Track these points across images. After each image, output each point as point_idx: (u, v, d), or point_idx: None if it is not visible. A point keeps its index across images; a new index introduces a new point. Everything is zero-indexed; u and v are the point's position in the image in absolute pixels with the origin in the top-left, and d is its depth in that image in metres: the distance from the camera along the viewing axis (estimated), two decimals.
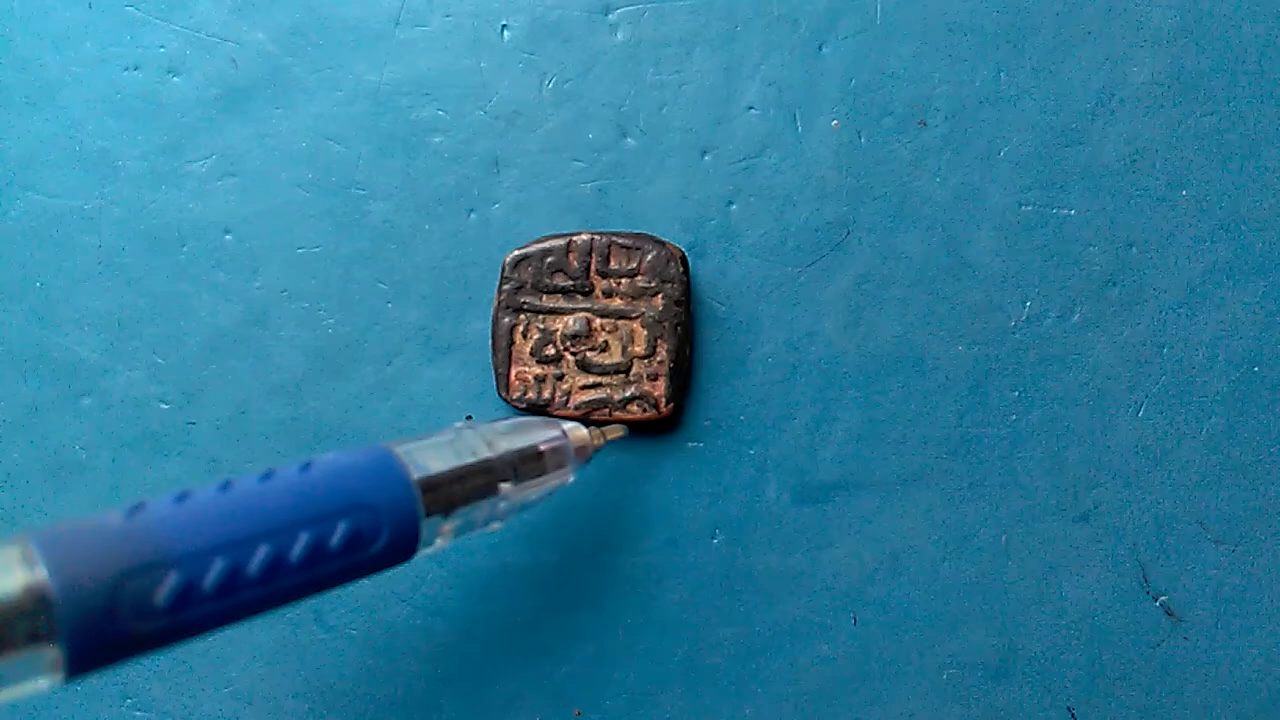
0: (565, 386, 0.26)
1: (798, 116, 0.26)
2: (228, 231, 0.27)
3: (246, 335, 0.26)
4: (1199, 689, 0.26)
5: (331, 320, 0.26)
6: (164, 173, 0.27)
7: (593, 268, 0.26)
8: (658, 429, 0.26)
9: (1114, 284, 0.26)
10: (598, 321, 0.26)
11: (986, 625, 0.26)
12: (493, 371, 0.26)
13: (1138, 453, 0.26)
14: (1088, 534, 0.26)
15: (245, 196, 0.27)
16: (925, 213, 0.26)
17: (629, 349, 0.26)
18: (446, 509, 0.19)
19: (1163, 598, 0.26)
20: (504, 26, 0.27)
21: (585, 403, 0.25)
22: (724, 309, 0.26)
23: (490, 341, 0.26)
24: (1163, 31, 0.26)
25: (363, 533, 0.17)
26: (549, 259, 0.26)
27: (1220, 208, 0.26)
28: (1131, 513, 0.26)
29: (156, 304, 0.26)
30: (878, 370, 0.26)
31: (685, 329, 0.26)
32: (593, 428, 0.24)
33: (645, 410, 0.25)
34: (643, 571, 0.26)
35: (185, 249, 0.27)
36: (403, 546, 0.18)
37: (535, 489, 0.21)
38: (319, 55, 0.27)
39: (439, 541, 0.19)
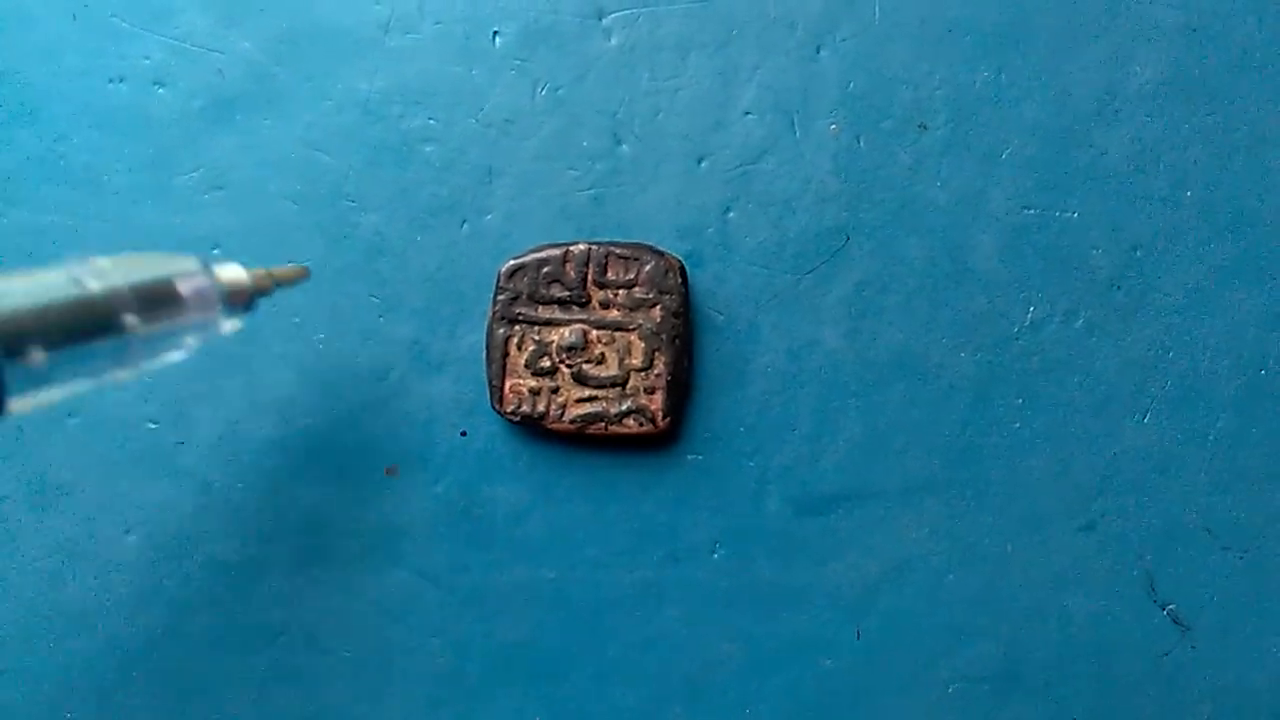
0: (561, 400, 0.25)
1: (795, 121, 0.26)
2: (216, 246, 0.26)
3: (235, 352, 0.26)
4: (1208, 699, 0.25)
5: (322, 335, 0.26)
6: (150, 187, 0.26)
7: (590, 278, 0.25)
8: (656, 443, 0.26)
9: (1118, 287, 0.26)
10: (594, 333, 0.25)
11: (992, 637, 0.26)
12: (487, 384, 0.25)
13: (1144, 459, 0.26)
14: (1094, 542, 0.26)
15: (233, 210, 0.26)
16: (926, 217, 0.26)
17: (626, 361, 0.25)
18: (31, 345, 0.16)
19: (1170, 606, 0.26)
20: (495, 33, 0.26)
21: (581, 416, 0.25)
22: (722, 318, 0.26)
23: (484, 354, 0.25)
24: (1166, 30, 0.26)
25: None
26: (545, 269, 0.25)
27: (1226, 208, 0.26)
28: (1138, 520, 0.26)
29: None
30: (879, 379, 0.26)
31: (684, 341, 0.25)
32: (259, 268, 0.21)
33: (642, 425, 0.25)
34: (642, 588, 0.26)
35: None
36: None
37: (167, 326, 0.18)
38: (307, 64, 0.26)
39: (47, 388, 0.17)
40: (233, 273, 0.20)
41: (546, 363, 0.25)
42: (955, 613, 0.26)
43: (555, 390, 0.25)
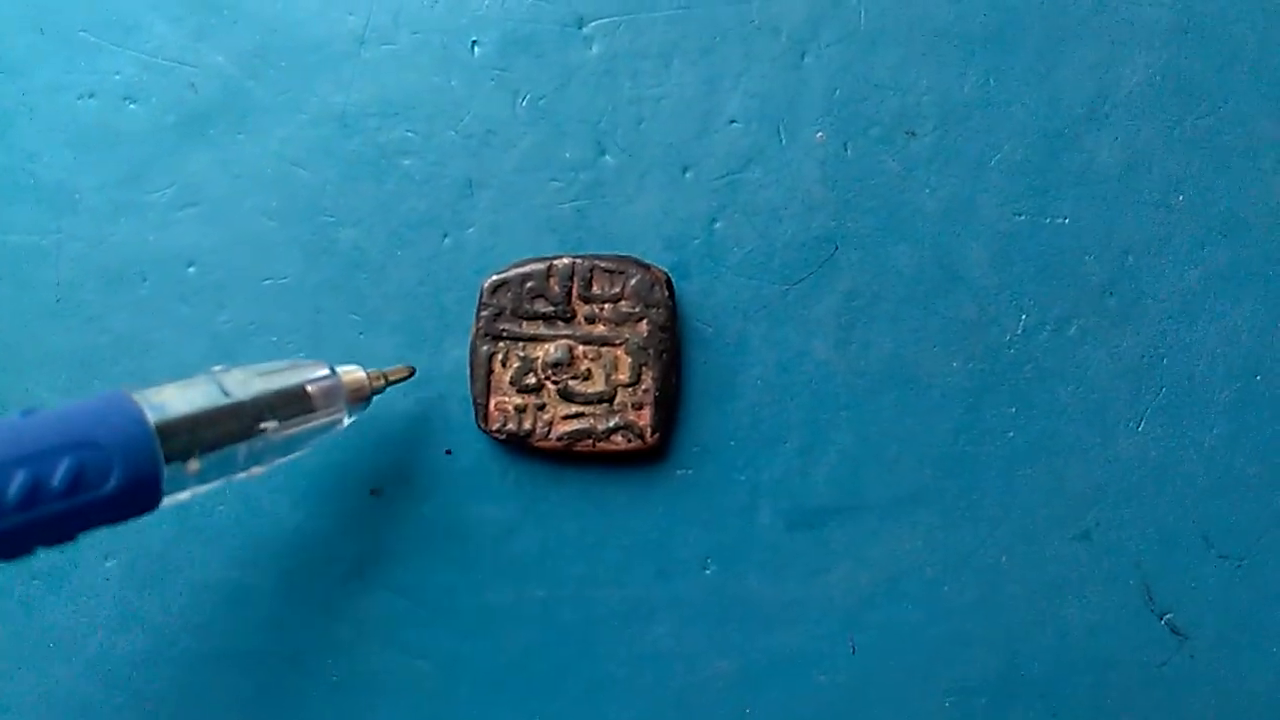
0: (547, 417, 0.25)
1: (781, 129, 0.25)
2: (191, 264, 0.26)
3: None
4: (1207, 708, 0.25)
5: (302, 353, 0.25)
6: (123, 204, 0.26)
7: (574, 293, 0.25)
8: (644, 459, 0.25)
9: (1111, 293, 0.25)
10: (580, 349, 0.25)
11: (988, 648, 0.25)
12: (471, 402, 0.25)
13: (1139, 467, 0.25)
14: (1089, 552, 0.25)
15: (208, 227, 0.25)
16: (915, 225, 0.25)
17: (613, 377, 0.25)
18: (191, 450, 0.18)
19: (1167, 615, 0.25)
20: (474, 43, 0.26)
21: (568, 433, 0.25)
22: (710, 330, 0.25)
23: (468, 371, 0.25)
24: (1156, 32, 0.25)
25: (88, 471, 0.16)
26: (529, 284, 0.25)
27: (1218, 212, 0.25)
28: (1134, 529, 0.25)
29: (118, 342, 0.25)
30: (870, 389, 0.25)
31: (671, 355, 0.25)
32: (372, 369, 0.23)
33: (631, 441, 0.25)
34: (632, 605, 0.25)
35: (147, 283, 0.25)
36: (141, 488, 0.17)
37: (299, 428, 0.20)
38: (282, 77, 0.26)
39: (192, 485, 0.18)
40: (353, 375, 0.22)
41: (532, 379, 0.25)
42: (951, 624, 0.25)
43: (541, 407, 0.25)
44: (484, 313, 0.25)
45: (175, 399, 0.18)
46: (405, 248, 0.25)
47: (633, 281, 0.25)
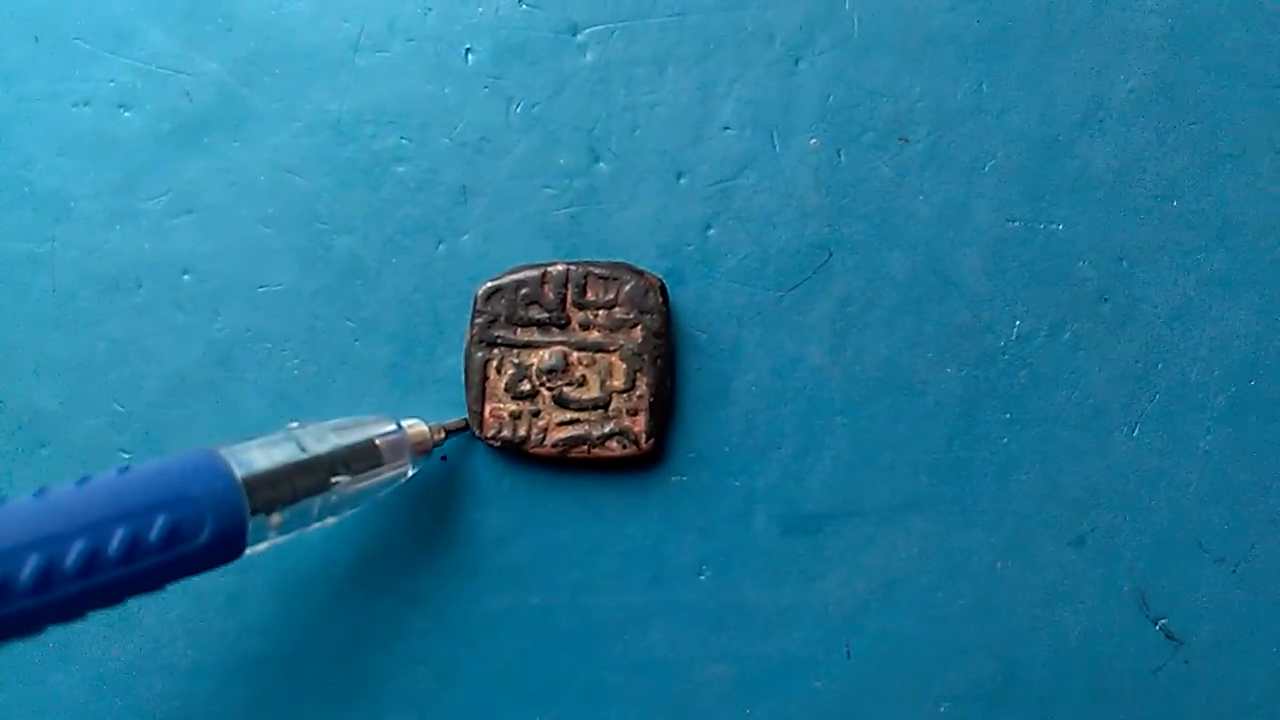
0: (542, 423, 0.25)
1: (775, 135, 0.25)
2: (186, 271, 0.26)
3: (209, 378, 0.25)
4: (1202, 713, 0.25)
5: (297, 360, 0.25)
6: (118, 212, 0.26)
7: (569, 299, 0.25)
8: (639, 465, 0.25)
9: (1105, 299, 0.25)
10: (575, 355, 0.25)
11: (983, 654, 0.25)
12: (466, 409, 0.25)
13: (1134, 473, 0.25)
14: (1084, 558, 0.25)
15: (203, 234, 0.26)
16: (909, 232, 0.25)
17: (608, 383, 0.25)
18: (274, 503, 0.19)
19: (1163, 620, 0.25)
20: (468, 50, 0.26)
21: (563, 440, 0.25)
22: (704, 336, 0.25)
23: (463, 378, 0.25)
24: (1150, 38, 0.25)
25: (183, 526, 0.17)
26: (523, 290, 0.25)
27: (1213, 218, 0.25)
28: (1129, 534, 0.25)
29: (115, 348, 0.25)
30: (865, 395, 0.25)
31: (665, 361, 0.25)
32: (433, 423, 0.24)
33: (625, 446, 0.25)
34: (628, 611, 0.25)
35: (143, 290, 0.26)
36: (229, 540, 0.18)
37: (369, 481, 0.21)
38: (276, 85, 0.26)
39: (271, 536, 0.19)
40: (417, 429, 0.23)
41: (527, 386, 0.25)
42: (946, 630, 0.25)
43: (536, 414, 0.25)
44: (478, 319, 0.25)
45: (258, 456, 0.19)
46: (400, 255, 0.25)
47: (627, 288, 0.25)
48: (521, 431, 0.25)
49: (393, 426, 0.22)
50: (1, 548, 0.15)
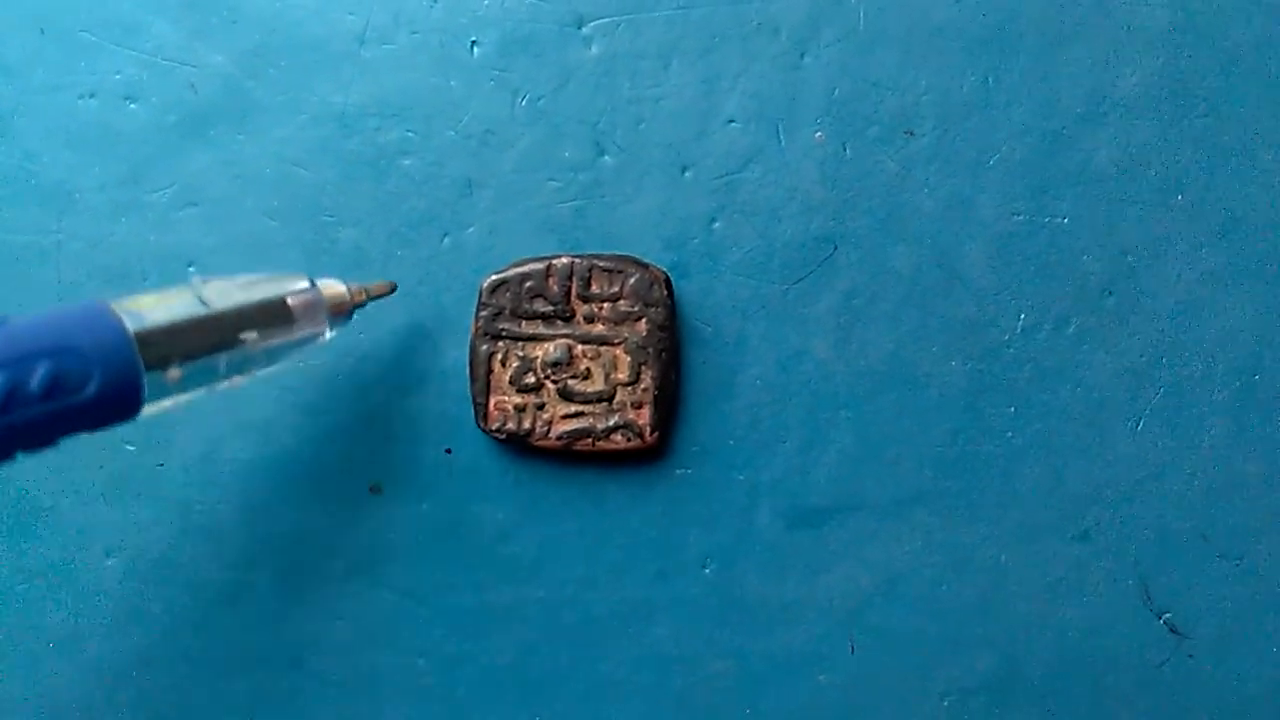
0: (546, 416, 0.25)
1: (780, 129, 0.25)
2: (191, 264, 0.26)
3: None
4: (1205, 708, 0.25)
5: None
6: (123, 204, 0.26)
7: (573, 292, 0.25)
8: (644, 458, 0.25)
9: (1110, 293, 0.25)
10: (579, 348, 0.25)
11: (987, 648, 0.25)
12: (471, 401, 0.25)
13: (1138, 467, 0.25)
14: (1088, 552, 0.25)
15: (209, 226, 0.26)
16: (914, 225, 0.25)
17: (612, 376, 0.25)
18: (169, 359, 0.18)
19: (1166, 615, 0.25)
20: (473, 43, 0.26)
21: (567, 432, 0.25)
22: (709, 330, 0.25)
23: (468, 370, 0.25)
24: (1154, 32, 0.25)
25: (67, 376, 0.16)
26: (527, 284, 0.25)
27: (1217, 212, 0.25)
28: (1132, 529, 0.25)
29: None
30: (869, 389, 0.25)
31: (670, 354, 0.25)
32: (354, 283, 0.23)
33: (630, 440, 0.25)
34: (632, 605, 0.25)
35: (148, 283, 0.26)
36: (121, 396, 0.17)
37: (279, 340, 0.21)
38: (281, 77, 0.26)
39: (174, 392, 0.19)
40: (334, 288, 0.22)
41: (531, 379, 0.25)
42: (950, 624, 0.25)
43: (541, 407, 0.25)
44: (483, 312, 0.25)
45: (154, 309, 0.18)
46: (405, 247, 0.25)
47: (632, 281, 0.25)
48: (526, 424, 0.25)
49: (306, 284, 0.21)
50: None
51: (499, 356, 0.25)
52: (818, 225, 0.25)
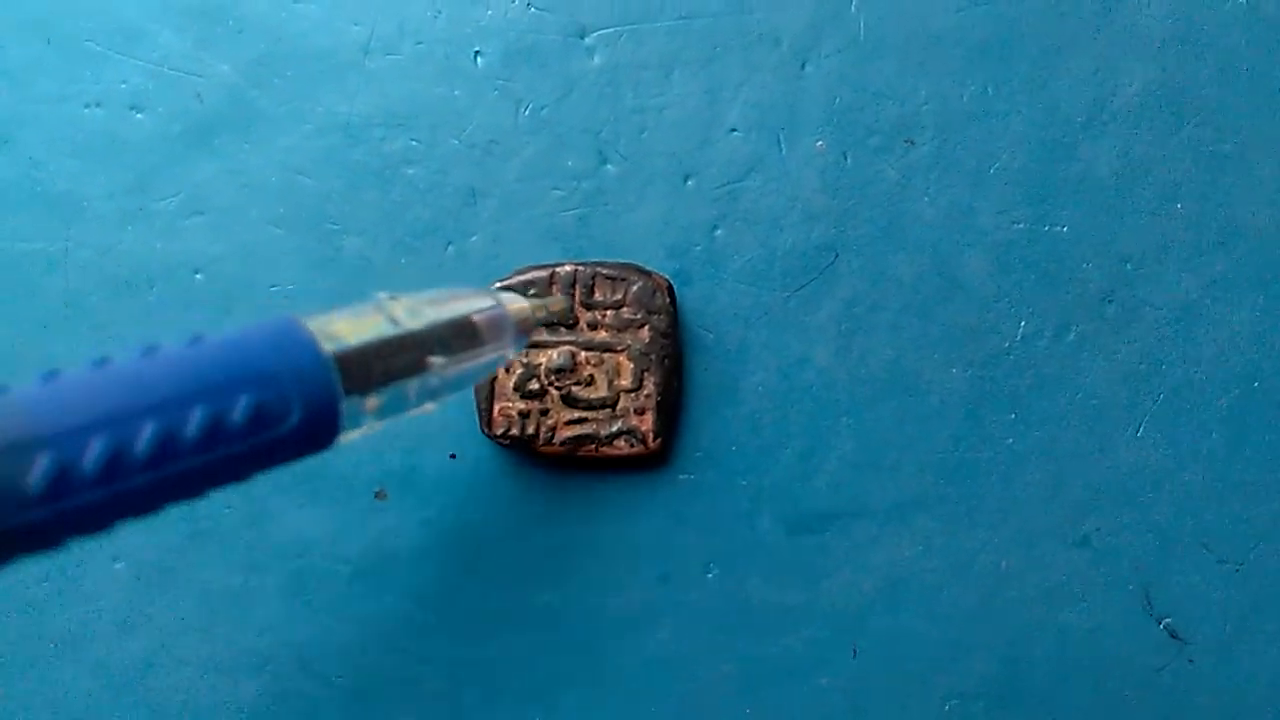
0: (550, 422, 0.25)
1: (781, 138, 0.26)
2: (198, 271, 0.26)
3: None
4: (1205, 713, 0.25)
5: None
6: (130, 212, 0.26)
7: (577, 300, 0.25)
8: (647, 463, 0.25)
9: (1109, 301, 0.25)
10: (583, 355, 0.25)
11: (988, 653, 0.25)
12: (476, 407, 0.25)
13: (1138, 473, 0.25)
14: (1089, 557, 0.25)
15: (215, 235, 0.26)
16: (915, 233, 0.26)
17: (615, 382, 0.25)
18: (367, 385, 0.16)
19: (1167, 620, 0.25)
20: (477, 53, 0.26)
21: (571, 438, 0.25)
22: (711, 337, 0.26)
23: None
24: (1153, 41, 0.25)
25: (268, 408, 0.15)
26: (531, 291, 0.25)
27: (1216, 220, 0.25)
28: (1133, 534, 0.25)
29: (126, 348, 0.26)
30: (870, 396, 0.26)
31: (673, 360, 0.25)
32: (534, 299, 0.22)
33: (633, 445, 0.25)
34: (635, 609, 0.25)
35: (154, 290, 0.26)
36: (320, 426, 0.16)
37: (470, 362, 0.19)
38: (287, 87, 0.26)
39: (368, 422, 0.17)
40: (518, 305, 0.21)
41: (535, 385, 0.25)
42: (951, 629, 0.25)
43: (545, 413, 0.25)
44: None
45: (345, 329, 0.16)
46: (410, 256, 0.26)
47: (634, 288, 0.25)
48: (530, 430, 0.25)
49: (492, 302, 0.20)
50: (62, 427, 0.13)
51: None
52: (819, 233, 0.26)
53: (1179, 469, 0.25)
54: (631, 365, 0.25)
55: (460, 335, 0.19)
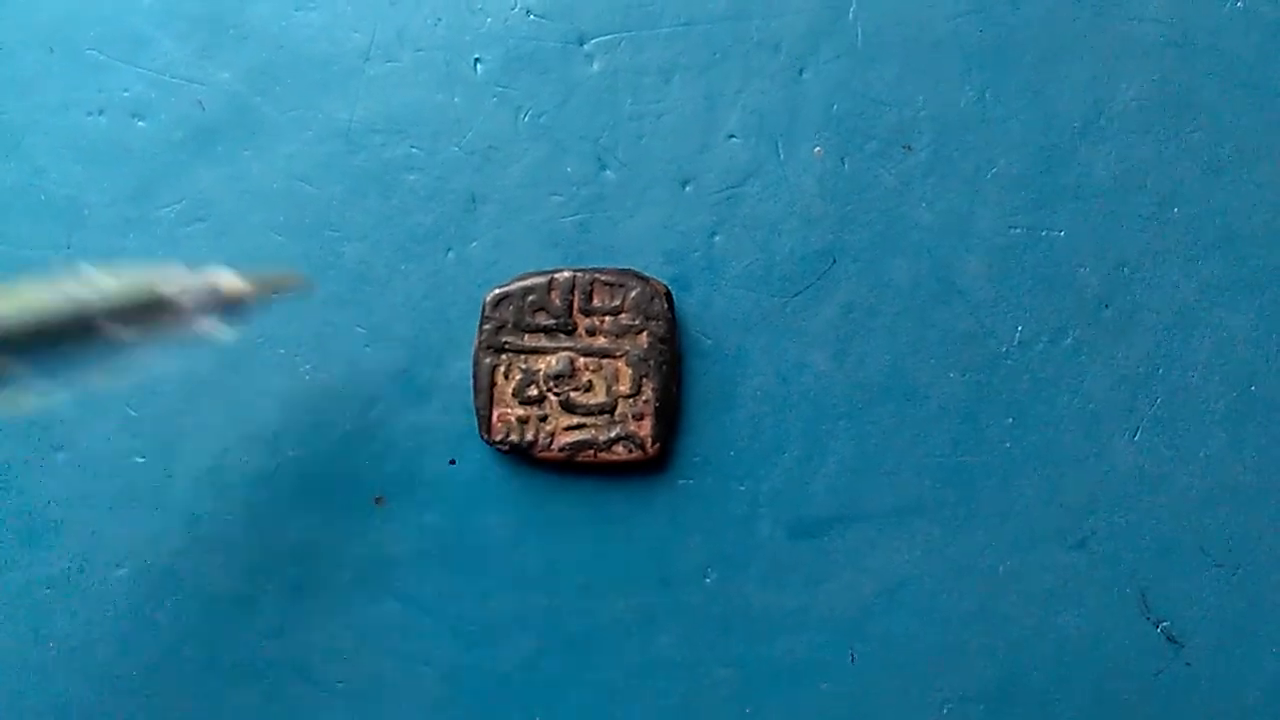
0: (549, 428, 0.25)
1: (780, 144, 0.26)
2: None
3: (222, 384, 0.26)
4: (1203, 716, 0.25)
5: (308, 366, 0.26)
6: (132, 219, 0.26)
7: (575, 306, 0.25)
8: (646, 469, 0.25)
9: (1107, 306, 0.26)
10: (581, 361, 0.25)
11: (986, 657, 0.25)
12: (475, 413, 0.25)
13: (1135, 477, 0.26)
14: (1086, 561, 0.25)
15: (216, 241, 0.26)
16: (912, 238, 0.26)
17: (614, 388, 0.25)
18: (10, 353, 0.17)
19: (1164, 624, 0.25)
20: (477, 60, 0.26)
21: (570, 444, 0.25)
22: (710, 342, 0.26)
23: (472, 383, 0.25)
24: (1150, 46, 0.26)
25: None
26: (530, 297, 0.25)
27: (1213, 225, 0.26)
28: (1130, 538, 0.25)
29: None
30: (869, 400, 0.26)
31: (671, 366, 0.25)
32: (257, 275, 0.21)
33: (632, 451, 0.25)
34: (634, 614, 0.26)
35: None
36: None
37: (157, 332, 0.19)
38: (288, 94, 0.26)
39: (28, 396, 0.17)
40: (224, 279, 0.20)
41: (534, 391, 0.25)
42: (949, 633, 0.25)
43: (544, 418, 0.25)
44: (486, 326, 0.25)
45: (6, 300, 0.17)
46: (410, 262, 0.26)
47: (633, 294, 0.25)
48: (529, 436, 0.25)
49: (184, 273, 0.20)
50: None
51: (502, 369, 0.25)
52: (817, 238, 0.26)
53: (1176, 472, 0.25)
54: (630, 371, 0.25)
55: (146, 307, 0.19)
